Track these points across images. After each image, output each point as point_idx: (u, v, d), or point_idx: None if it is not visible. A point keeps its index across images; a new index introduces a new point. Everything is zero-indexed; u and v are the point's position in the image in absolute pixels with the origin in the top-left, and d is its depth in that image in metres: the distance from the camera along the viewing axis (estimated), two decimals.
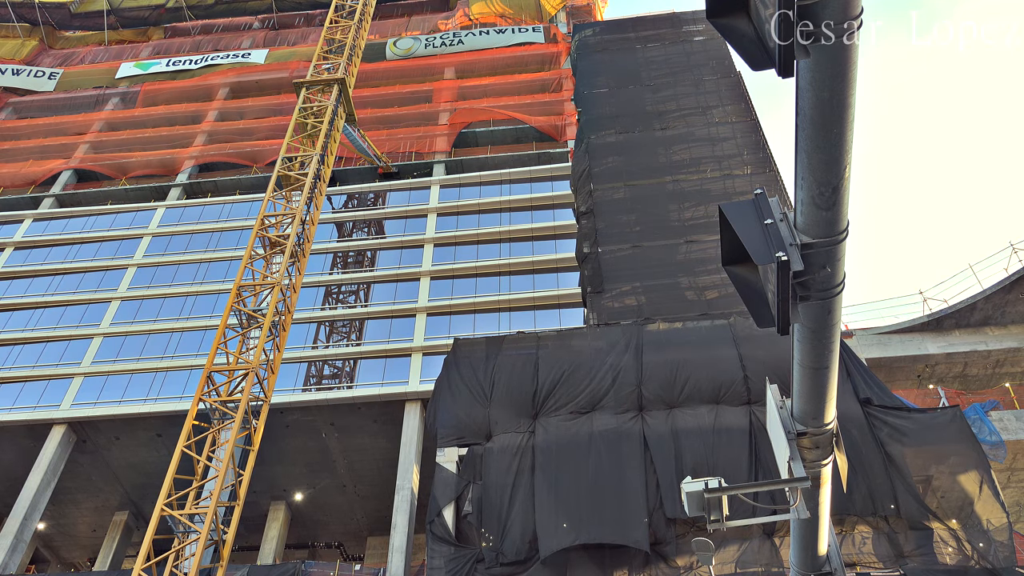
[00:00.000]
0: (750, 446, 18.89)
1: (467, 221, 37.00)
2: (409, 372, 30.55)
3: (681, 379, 21.22)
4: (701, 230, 28.29)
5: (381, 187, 39.69)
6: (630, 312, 26.03)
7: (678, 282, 26.22)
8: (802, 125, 4.48)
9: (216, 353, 23.33)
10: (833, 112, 4.31)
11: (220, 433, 22.17)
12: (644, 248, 28.22)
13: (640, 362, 22.14)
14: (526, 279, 33.92)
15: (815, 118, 4.38)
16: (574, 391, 21.50)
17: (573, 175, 33.52)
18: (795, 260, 4.84)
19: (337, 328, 34.06)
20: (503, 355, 23.30)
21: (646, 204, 30.19)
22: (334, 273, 36.11)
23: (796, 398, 6.38)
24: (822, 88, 4.29)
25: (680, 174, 30.83)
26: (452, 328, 31.90)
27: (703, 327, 23.21)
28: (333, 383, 31.88)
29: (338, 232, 38.34)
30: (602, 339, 23.65)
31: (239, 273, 25.20)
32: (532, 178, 38.34)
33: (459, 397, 22.35)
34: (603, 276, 27.40)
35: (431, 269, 34.74)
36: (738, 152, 31.12)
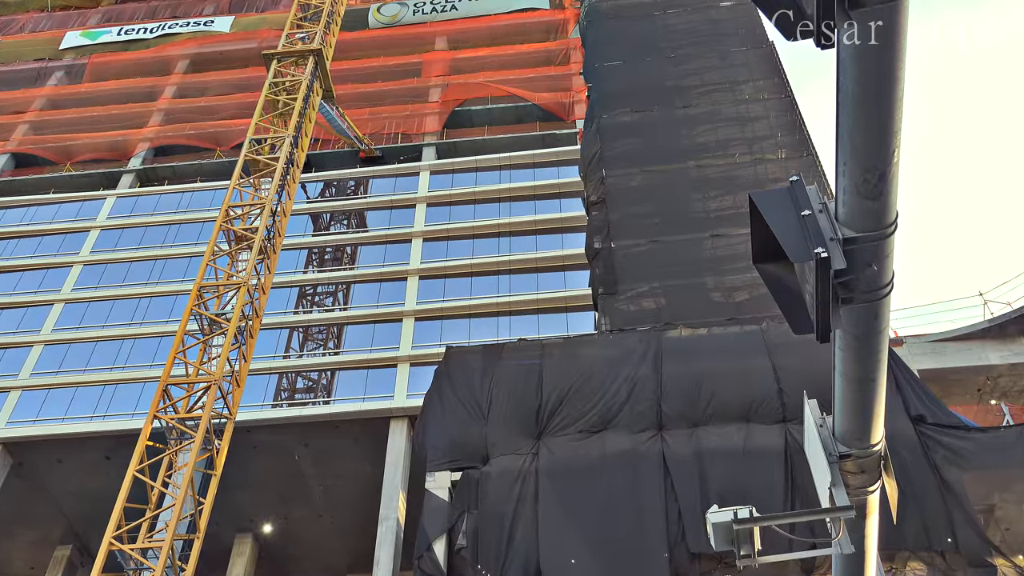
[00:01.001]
0: (786, 470, 18.88)
1: (461, 212, 37.00)
2: (395, 385, 30.54)
3: (706, 393, 21.20)
4: (729, 222, 28.29)
5: (363, 173, 39.69)
6: (648, 316, 26.01)
7: (703, 282, 26.21)
8: (844, 102, 4.48)
9: (173, 364, 23.34)
10: (880, 87, 4.31)
11: (178, 455, 22.16)
12: (664, 243, 28.20)
13: (659, 374, 22.11)
14: (528, 279, 33.93)
15: (858, 94, 4.38)
16: (583, 407, 21.48)
17: (582, 160, 33.49)
18: (836, 257, 4.84)
19: (312, 335, 34.05)
20: (502, 366, 23.28)
21: (666, 193, 30.17)
22: (309, 272, 36.12)
23: (838, 415, 6.37)
24: (867, 60, 4.29)
25: (705, 158, 30.82)
26: (444, 335, 31.88)
27: (731, 334, 23.18)
28: (307, 398, 31.88)
29: (313, 225, 38.35)
30: (616, 347, 23.63)
31: (200, 272, 25.19)
32: (535, 163, 38.34)
33: (452, 414, 22.33)
34: (617, 275, 27.35)
35: (420, 267, 34.75)
36: (771, 133, 31.12)
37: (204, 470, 22.42)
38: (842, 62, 4.32)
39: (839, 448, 6.35)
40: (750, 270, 25.70)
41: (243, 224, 27.11)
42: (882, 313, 5.27)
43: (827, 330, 4.83)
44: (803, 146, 30.86)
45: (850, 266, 4.84)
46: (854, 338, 5.42)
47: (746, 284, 26.14)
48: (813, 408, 6.64)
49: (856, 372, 5.64)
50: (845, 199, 4.82)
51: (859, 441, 6.23)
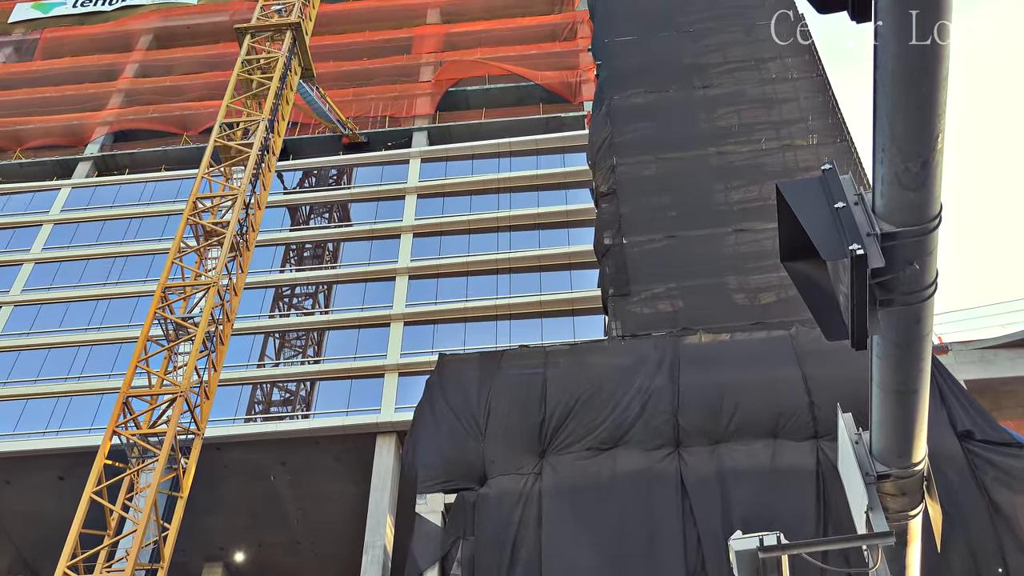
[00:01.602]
0: (817, 492, 18.87)
1: (456, 204, 37.00)
2: (382, 397, 30.53)
3: (729, 406, 21.20)
4: (754, 216, 28.27)
5: (346, 161, 39.71)
6: (664, 320, 25.99)
7: (724, 282, 26.21)
8: (882, 81, 4.47)
9: (135, 373, 23.33)
10: (922, 64, 4.30)
11: (140, 476, 22.15)
12: (681, 239, 28.19)
13: (676, 384, 22.11)
14: (531, 278, 33.94)
15: (898, 72, 4.37)
16: (592, 422, 21.49)
17: (591, 146, 33.49)
18: (874, 254, 4.83)
19: (290, 341, 34.05)
20: (502, 375, 23.27)
21: (684, 183, 30.17)
22: (286, 271, 36.12)
23: (876, 431, 6.36)
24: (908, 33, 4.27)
25: (727, 144, 30.81)
26: (436, 341, 31.88)
27: (757, 340, 23.18)
28: (284, 411, 31.88)
29: (291, 219, 38.36)
30: (628, 355, 23.62)
31: (165, 271, 25.18)
32: (538, 150, 38.35)
33: (445, 429, 22.34)
34: (629, 274, 27.34)
35: (410, 266, 34.76)
36: (801, 117, 31.11)
37: (169, 492, 22.41)
38: (881, 35, 4.30)
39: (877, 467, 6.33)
40: (777, 269, 25.66)
41: (213, 218, 27.09)
42: (924, 317, 5.26)
43: (863, 336, 4.82)
44: (837, 131, 30.86)
45: (889, 264, 4.83)
46: (893, 345, 5.40)
47: (773, 285, 26.12)
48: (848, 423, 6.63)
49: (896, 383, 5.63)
50: (883, 190, 4.80)
51: (899, 460, 6.22)
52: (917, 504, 6.64)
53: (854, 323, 4.79)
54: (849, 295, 4.74)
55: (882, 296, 4.99)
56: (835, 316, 4.99)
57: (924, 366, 5.65)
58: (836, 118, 31.41)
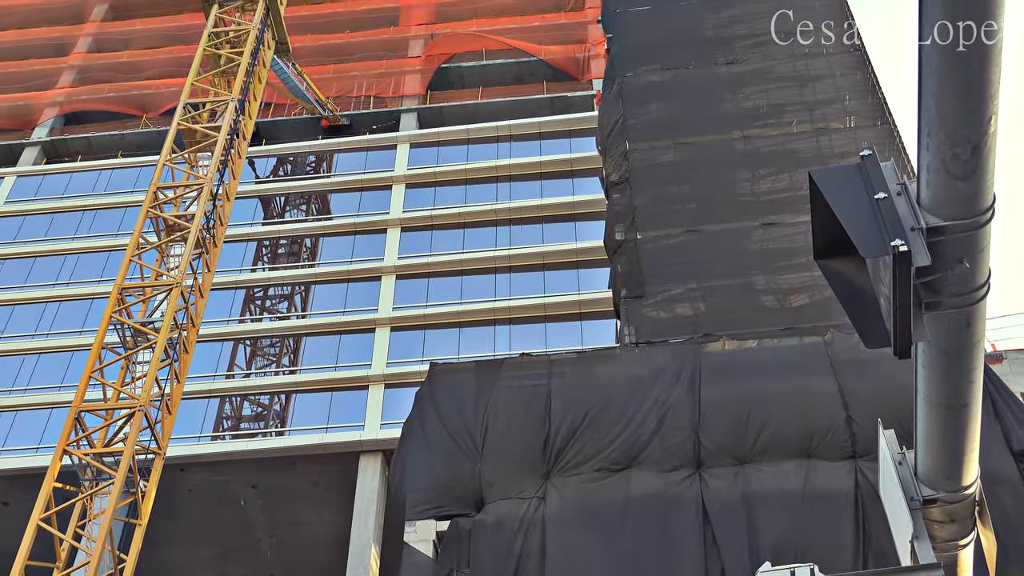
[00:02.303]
0: (856, 518, 18.88)
1: (449, 195, 37.01)
2: (366, 412, 30.54)
3: (756, 422, 21.23)
4: (784, 207, 28.31)
5: (326, 147, 39.73)
6: (683, 325, 26.05)
7: (751, 282, 26.26)
8: (928, 58, 4.48)
9: (88, 385, 23.34)
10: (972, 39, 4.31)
11: (93, 500, 22.14)
12: (703, 234, 28.22)
13: (697, 397, 22.15)
14: (534, 278, 33.95)
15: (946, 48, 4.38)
16: (602, 439, 21.52)
17: (601, 129, 33.51)
18: (918, 251, 4.84)
19: (262, 349, 34.06)
20: (501, 387, 23.30)
21: (705, 170, 30.21)
22: (258, 270, 36.13)
23: (922, 450, 6.37)
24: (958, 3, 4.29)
25: (754, 127, 30.86)
26: (427, 348, 31.88)
27: (787, 348, 23.22)
28: (256, 428, 31.89)
29: (264, 211, 38.39)
30: (643, 364, 23.64)
31: (121, 270, 25.16)
32: (542, 134, 38.37)
33: (438, 448, 22.36)
34: (644, 274, 27.39)
35: (397, 264, 34.76)
36: (837, 96, 31.14)
37: (126, 519, 22.41)
38: (926, 7, 4.31)
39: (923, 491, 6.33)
40: (810, 267, 25.68)
41: (176, 210, 27.10)
42: (975, 321, 5.26)
43: (907, 343, 4.83)
44: (877, 112, 30.89)
45: (936, 262, 4.84)
46: (941, 353, 5.41)
47: (805, 285, 26.17)
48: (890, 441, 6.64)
49: (943, 396, 5.63)
50: (930, 178, 4.81)
51: (948, 482, 6.22)
52: (968, 532, 6.64)
53: (896, 328, 4.79)
54: (891, 297, 4.75)
55: (928, 298, 5.00)
56: (875, 321, 5.00)
57: (975, 376, 5.66)
58: (876, 98, 31.44)
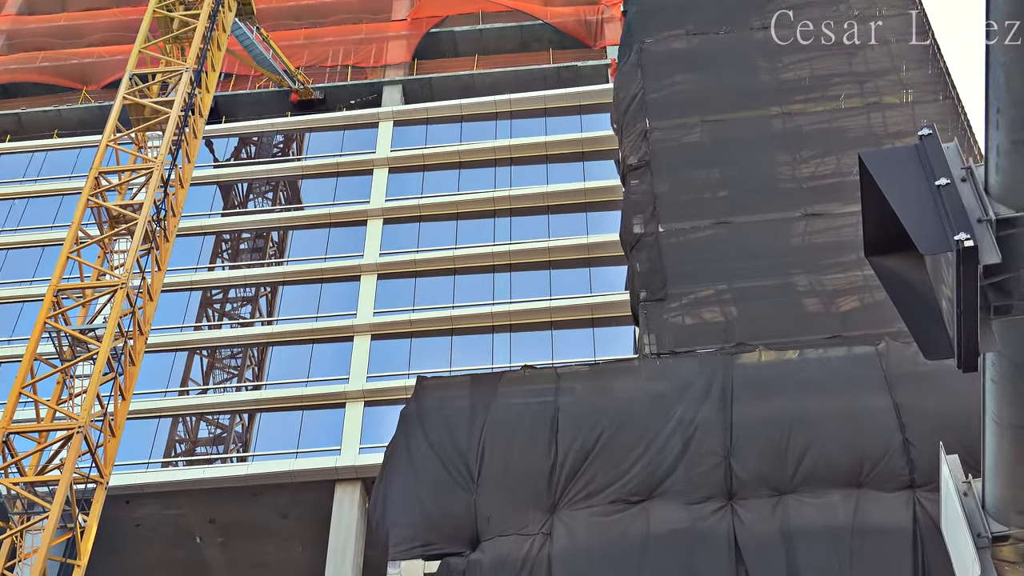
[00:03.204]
0: (914, 558, 18.86)
1: (439, 181, 36.98)
2: (342, 434, 30.50)
3: (797, 445, 21.17)
4: (830, 195, 28.27)
5: (296, 125, 39.71)
6: (712, 333, 25.99)
7: (792, 283, 26.21)
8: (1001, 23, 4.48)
9: (18, 402, 23.35)
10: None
11: (24, 537, 22.13)
12: (735, 226, 28.16)
13: (729, 417, 22.06)
14: (538, 278, 33.93)
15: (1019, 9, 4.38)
16: (618, 466, 21.47)
17: (616, 105, 33.48)
18: (987, 247, 4.84)
19: (222, 361, 34.02)
20: (500, 405, 23.22)
21: (738, 153, 30.15)
22: (217, 268, 36.12)
23: (991, 478, 6.38)
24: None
25: (794, 102, 30.82)
26: (413, 359, 31.83)
27: (834, 359, 23.16)
28: (214, 453, 31.84)
29: (223, 200, 38.36)
30: (665, 378, 23.55)
31: (58, 269, 25.14)
32: (548, 109, 38.33)
33: (426, 475, 22.31)
34: (667, 273, 27.33)
35: (379, 261, 34.73)
36: (892, 66, 31.09)
37: (63, 559, 22.39)
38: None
39: (992, 527, 6.31)
40: (861, 265, 25.63)
41: (121, 198, 27.10)
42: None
43: (973, 354, 4.81)
44: (939, 84, 30.85)
45: (1007, 260, 4.82)
46: (1013, 365, 5.39)
47: (855, 286, 26.13)
48: (954, 468, 6.62)
49: (1016, 416, 5.61)
50: (1000, 162, 4.80)
51: (1020, 516, 6.19)
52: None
53: (961, 337, 4.78)
54: (954, 300, 4.74)
55: (998, 301, 4.99)
56: (936, 327, 4.99)
57: None
58: (938, 67, 31.41)
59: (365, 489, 29.05)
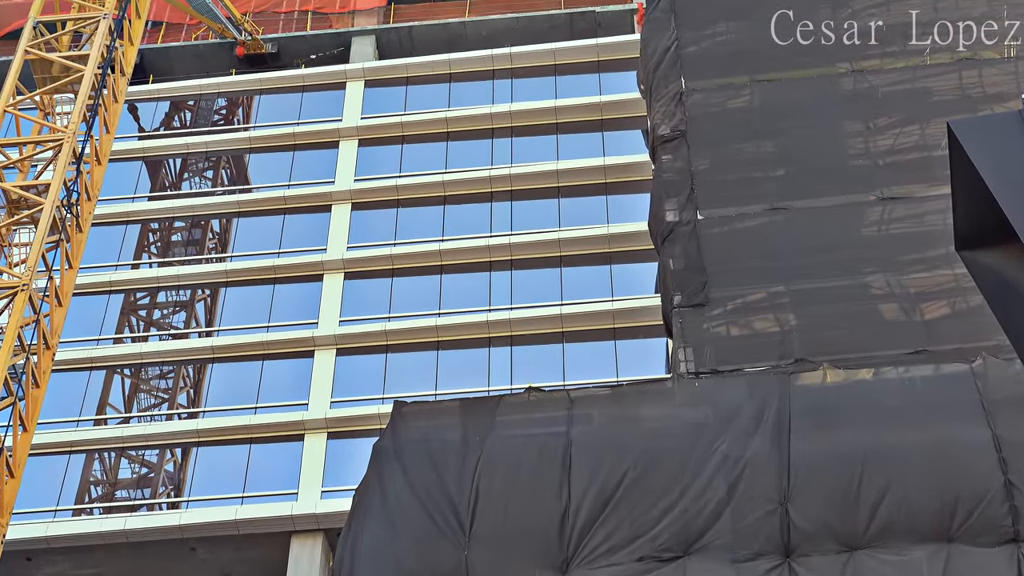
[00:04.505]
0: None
1: (422, 156, 37.00)
2: (300, 473, 30.53)
3: (872, 489, 21.22)
4: (913, 174, 28.30)
5: (243, 85, 39.74)
6: (764, 346, 26.00)
7: (865, 283, 26.22)
8: None
9: None
10: None
11: None
12: (793, 213, 28.15)
13: (786, 453, 22.12)
14: (546, 277, 33.95)
15: None
16: (646, 514, 21.52)
17: (644, 61, 33.47)
18: None
19: (148, 381, 34.00)
20: (498, 437, 23.24)
21: (797, 121, 30.17)
22: (143, 266, 36.09)
23: None
24: None
25: (868, 58, 30.87)
26: (390, 380, 31.90)
27: (918, 379, 23.23)
28: (139, 497, 31.78)
29: (151, 180, 38.35)
30: (705, 404, 23.60)
31: None
32: (559, 66, 38.34)
33: (405, 525, 22.35)
34: (707, 272, 27.32)
35: (346, 257, 34.78)
36: (991, 11, 31.20)
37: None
38: None
39: None
40: (952, 261, 25.64)
41: (22, 178, 27.08)
42: None
43: None
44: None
45: None
46: None
47: (944, 288, 26.20)
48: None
49: None
50: None
51: None
52: None
53: None
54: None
55: None
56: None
57: None
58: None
59: (328, 542, 29.03)
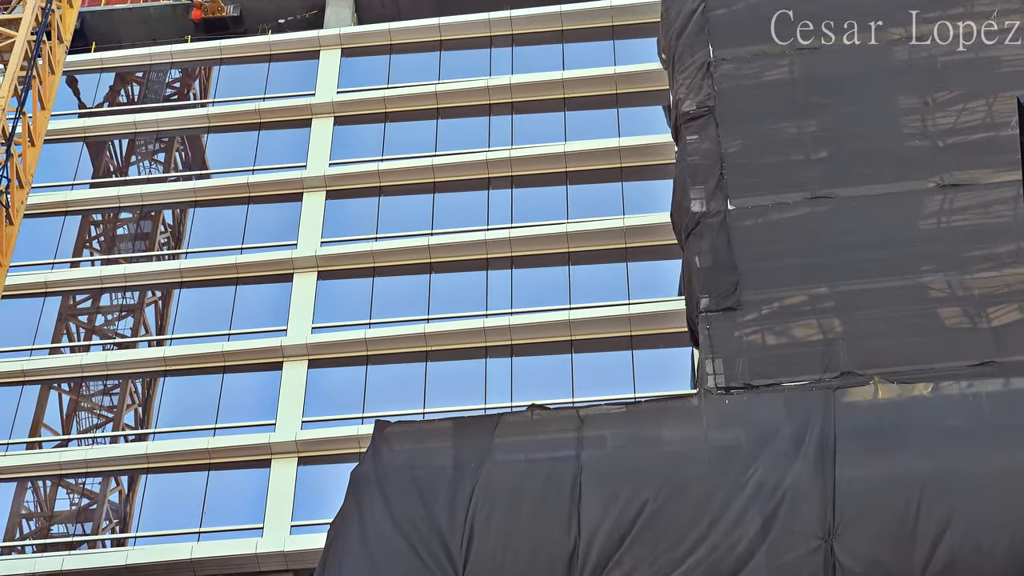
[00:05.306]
0: None
1: (408, 136, 37.10)
2: (266, 504, 30.60)
3: (931, 522, 21.39)
4: (977, 157, 28.32)
5: (199, 54, 39.72)
6: (805, 357, 26.19)
7: (922, 284, 26.37)
8: None
9: None
10: None
11: None
12: (838, 202, 28.27)
13: (830, 480, 22.30)
14: (553, 276, 33.94)
15: None
16: (670, 552, 21.66)
17: (666, 25, 33.54)
18: None
19: (88, 397, 33.91)
20: (496, 463, 23.39)
21: (843, 96, 30.27)
22: (83, 264, 36.01)
23: None
24: None
25: (926, 20, 30.96)
26: (371, 396, 32.09)
27: (984, 396, 23.37)
28: (79, 533, 31.68)
29: (94, 164, 38.26)
30: (737, 424, 23.83)
31: None
32: (567, 32, 38.29)
33: (387, 564, 22.44)
34: (739, 271, 27.49)
35: (319, 254, 34.94)
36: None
37: None
38: None
39: None
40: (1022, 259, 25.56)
41: None
42: None
43: None
44: None
45: None
46: None
47: (1014, 289, 26.30)
48: None
49: None
50: None
51: None
52: None
53: None
54: None
55: None
56: None
57: None
58: None
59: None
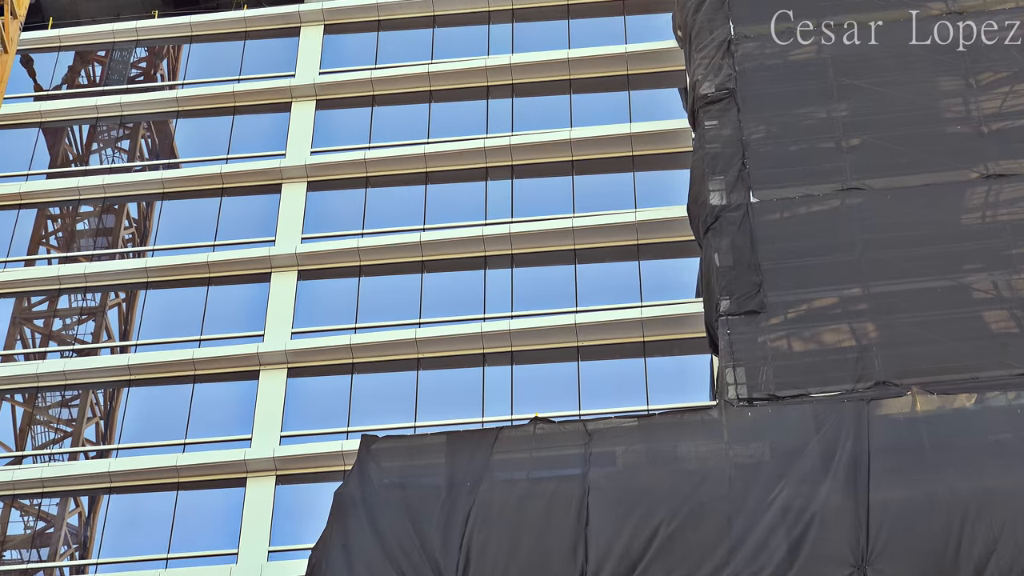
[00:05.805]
0: None
1: (397, 123, 37.12)
2: (241, 527, 30.57)
3: (975, 545, 21.55)
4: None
5: (167, 31, 39.68)
6: (836, 365, 26.27)
7: (965, 284, 26.34)
8: None
9: None
10: None
11: None
12: (872, 195, 28.24)
13: (863, 501, 22.36)
14: (558, 275, 33.99)
15: None
16: None
17: (682, 2, 33.50)
18: None
19: (45, 410, 33.79)
20: (495, 481, 23.42)
21: (879, 76, 30.19)
22: (39, 262, 35.92)
23: None
24: None
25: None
26: (356, 407, 32.07)
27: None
28: (33, 560, 31.57)
29: (51, 153, 38.14)
30: (761, 438, 23.89)
31: None
32: (573, 7, 38.30)
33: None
34: (762, 270, 27.44)
35: (302, 251, 34.92)
36: None
37: None
38: None
39: None
40: None
41: None
42: None
43: None
44: None
45: None
46: None
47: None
48: None
49: None
50: None
51: None
52: None
53: None
54: None
55: None
56: None
57: None
58: None
59: None
